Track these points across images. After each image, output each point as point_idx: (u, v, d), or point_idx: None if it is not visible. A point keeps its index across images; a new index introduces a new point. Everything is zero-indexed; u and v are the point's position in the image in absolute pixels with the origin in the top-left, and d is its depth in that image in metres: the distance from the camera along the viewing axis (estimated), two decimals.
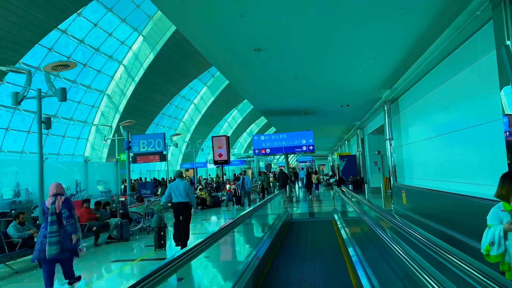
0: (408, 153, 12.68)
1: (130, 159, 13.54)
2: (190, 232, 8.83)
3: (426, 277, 2.87)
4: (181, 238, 8.33)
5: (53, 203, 5.79)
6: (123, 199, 14.15)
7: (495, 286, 2.12)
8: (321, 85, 12.70)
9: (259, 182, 22.28)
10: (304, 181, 26.20)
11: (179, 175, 9.12)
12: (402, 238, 4.58)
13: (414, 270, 3.16)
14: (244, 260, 5.64)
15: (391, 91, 12.35)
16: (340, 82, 12.24)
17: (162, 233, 8.65)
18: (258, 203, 7.40)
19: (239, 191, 17.61)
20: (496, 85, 5.60)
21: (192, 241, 6.24)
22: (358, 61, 9.87)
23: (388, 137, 13.59)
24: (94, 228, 9.30)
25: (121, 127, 16.31)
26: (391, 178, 13.67)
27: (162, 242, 8.65)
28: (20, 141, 24.88)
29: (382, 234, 5.25)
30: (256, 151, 18.67)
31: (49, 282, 5.69)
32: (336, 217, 12.03)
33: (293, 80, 11.68)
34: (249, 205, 16.87)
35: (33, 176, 9.03)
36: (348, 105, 16.00)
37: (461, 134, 7.70)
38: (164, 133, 13.68)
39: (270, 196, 10.20)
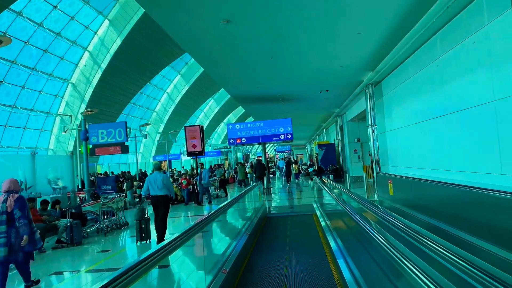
0: (393, 139, 11.80)
1: (88, 151, 12.13)
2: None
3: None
4: (159, 231, 8.15)
5: (5, 201, 5.42)
6: (83, 195, 12.82)
7: (478, 272, 1.93)
8: (299, 67, 11.62)
9: (218, 176, 20.13)
10: (284, 171, 26.07)
11: (158, 167, 8.80)
12: (394, 234, 3.68)
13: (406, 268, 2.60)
14: (206, 276, 4.51)
15: (375, 73, 11.38)
16: (319, 64, 11.19)
17: (143, 226, 8.30)
18: (221, 205, 6.27)
19: (197, 188, 15.64)
20: (509, 55, 4.61)
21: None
22: (340, 37, 8.81)
23: (370, 123, 12.69)
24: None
25: (81, 116, 14.85)
26: (374, 166, 12.79)
27: (144, 235, 8.29)
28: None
29: (370, 230, 4.29)
30: (231, 140, 17.49)
31: (1, 284, 5.35)
32: (316, 210, 11.10)
33: (269, 60, 10.55)
34: (209, 203, 15.40)
35: None
36: (327, 90, 15.02)
37: (460, 116, 6.75)
38: (126, 122, 12.27)
39: (244, 191, 9.00)
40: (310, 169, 29.07)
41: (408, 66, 9.50)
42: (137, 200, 16.58)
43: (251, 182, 21.23)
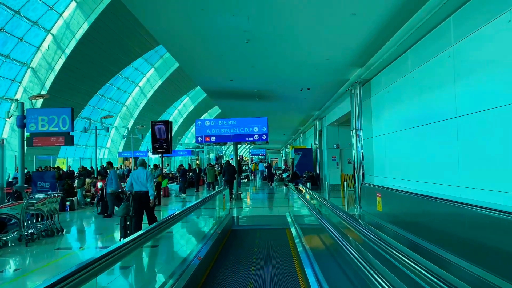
0: (380, 146, 10.42)
1: (25, 141, 10.18)
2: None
3: None
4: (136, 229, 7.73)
5: None
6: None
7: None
8: (279, 57, 10.09)
9: (155, 180, 15.24)
10: (265, 173, 26.89)
11: (142, 163, 8.49)
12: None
13: None
14: None
15: (364, 69, 9.98)
16: (303, 53, 9.69)
17: (128, 223, 7.94)
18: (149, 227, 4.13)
19: (105, 194, 11.84)
20: None
21: None
22: (330, 18, 7.31)
23: (355, 127, 11.28)
24: None
25: (29, 102, 12.86)
26: (356, 176, 11.36)
27: (128, 232, 7.78)
28: None
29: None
30: (199, 138, 15.77)
31: None
32: (290, 222, 9.60)
33: (245, 44, 8.98)
34: (107, 214, 11.67)
35: None
36: (308, 89, 13.59)
37: (479, 119, 5.32)
38: (72, 108, 10.35)
39: (187, 207, 6.25)
40: (285, 174, 27.62)
41: (406, 60, 8.09)
42: (89, 200, 14.58)
43: (217, 186, 19.58)
